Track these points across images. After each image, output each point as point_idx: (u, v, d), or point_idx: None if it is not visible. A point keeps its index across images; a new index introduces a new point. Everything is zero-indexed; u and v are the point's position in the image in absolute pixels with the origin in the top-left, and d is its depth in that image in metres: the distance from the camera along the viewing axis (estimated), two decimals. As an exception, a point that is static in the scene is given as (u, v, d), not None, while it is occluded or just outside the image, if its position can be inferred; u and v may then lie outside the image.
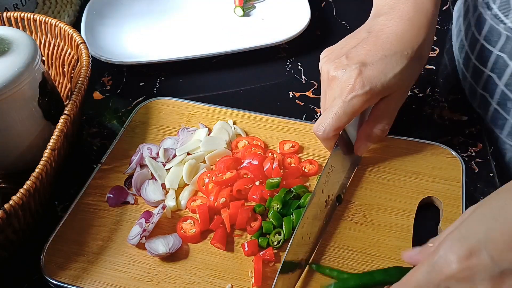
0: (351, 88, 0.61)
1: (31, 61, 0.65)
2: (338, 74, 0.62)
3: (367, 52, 0.62)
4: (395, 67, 0.62)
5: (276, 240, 0.63)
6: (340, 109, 0.61)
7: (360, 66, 0.61)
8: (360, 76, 0.60)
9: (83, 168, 0.74)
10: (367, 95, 0.61)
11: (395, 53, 0.62)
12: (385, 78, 0.61)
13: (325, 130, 0.63)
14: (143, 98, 0.85)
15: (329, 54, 0.66)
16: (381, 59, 0.61)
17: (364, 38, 0.64)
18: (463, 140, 0.76)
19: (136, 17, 0.99)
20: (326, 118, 0.63)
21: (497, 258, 0.43)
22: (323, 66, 0.65)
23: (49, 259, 0.62)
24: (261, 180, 0.68)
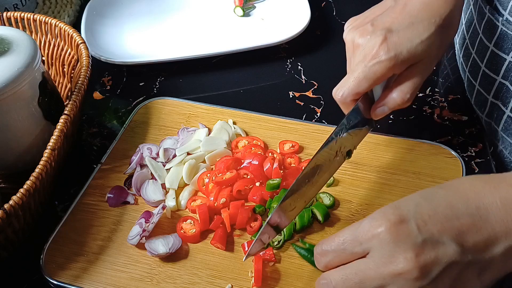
0: (375, 54, 0.59)
1: (31, 61, 0.65)
2: (363, 41, 0.61)
3: (393, 19, 0.60)
4: (422, 34, 0.59)
5: (276, 240, 0.63)
6: (361, 73, 0.60)
7: (385, 32, 0.59)
8: (385, 42, 0.59)
9: (83, 168, 0.74)
10: (391, 61, 0.59)
11: (422, 20, 0.60)
12: (411, 44, 0.59)
13: (344, 93, 0.61)
14: (143, 98, 0.85)
15: (354, 23, 0.65)
16: (407, 26, 0.60)
17: (390, 6, 0.63)
18: (463, 140, 0.76)
19: (136, 17, 0.99)
20: (346, 82, 0.61)
21: (422, 229, 0.46)
22: (348, 35, 0.64)
23: (49, 259, 0.62)
24: (261, 181, 0.68)
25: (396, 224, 0.46)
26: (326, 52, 0.93)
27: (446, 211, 0.47)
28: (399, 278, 0.45)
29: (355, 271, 0.48)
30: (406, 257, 0.45)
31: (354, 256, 0.48)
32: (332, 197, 0.67)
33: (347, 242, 0.49)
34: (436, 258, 0.45)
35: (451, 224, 0.46)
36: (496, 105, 0.73)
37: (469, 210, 0.47)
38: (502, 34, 0.68)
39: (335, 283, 0.49)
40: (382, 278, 0.46)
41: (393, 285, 0.46)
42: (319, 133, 0.75)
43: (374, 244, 0.47)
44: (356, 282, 0.47)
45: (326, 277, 0.50)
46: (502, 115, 0.72)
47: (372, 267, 0.47)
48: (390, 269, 0.46)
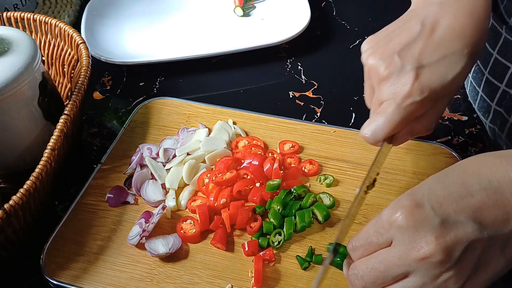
0: (408, 94, 0.55)
1: (31, 61, 0.65)
2: (391, 75, 0.56)
3: (422, 51, 0.56)
4: (455, 67, 0.56)
5: (276, 240, 0.63)
6: (394, 115, 0.56)
7: (417, 68, 0.55)
8: (418, 80, 0.55)
9: (83, 168, 0.74)
10: (426, 100, 0.55)
11: (454, 52, 0.56)
12: (445, 81, 0.55)
13: (377, 136, 0.58)
14: (143, 98, 0.85)
15: (375, 46, 0.59)
16: (439, 60, 0.56)
17: (416, 31, 0.57)
18: (463, 140, 0.76)
19: (136, 17, 0.99)
20: (378, 123, 0.57)
21: (437, 210, 0.46)
22: (369, 59, 0.58)
23: (49, 259, 0.62)
24: (261, 182, 0.68)
25: (412, 209, 0.46)
26: (326, 52, 0.93)
27: (459, 190, 0.47)
28: (423, 263, 0.45)
29: (379, 259, 0.48)
30: (426, 241, 0.45)
31: (380, 247, 0.49)
32: (332, 198, 0.67)
33: (371, 234, 0.49)
34: (456, 238, 0.45)
35: (466, 202, 0.46)
36: (500, 113, 0.72)
37: (482, 185, 0.46)
38: (505, 42, 0.68)
39: (362, 273, 0.49)
40: (407, 265, 0.46)
41: (419, 270, 0.46)
42: (319, 133, 0.75)
43: (394, 233, 0.47)
44: (382, 271, 0.47)
45: (354, 267, 0.50)
46: (506, 123, 0.72)
47: (395, 255, 0.47)
48: (413, 255, 0.46)
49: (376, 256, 0.48)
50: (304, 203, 0.65)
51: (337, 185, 0.69)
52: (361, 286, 0.49)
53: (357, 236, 0.51)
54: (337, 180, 0.69)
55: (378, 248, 0.49)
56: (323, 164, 0.71)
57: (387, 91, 0.56)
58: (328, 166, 0.71)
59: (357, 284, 0.50)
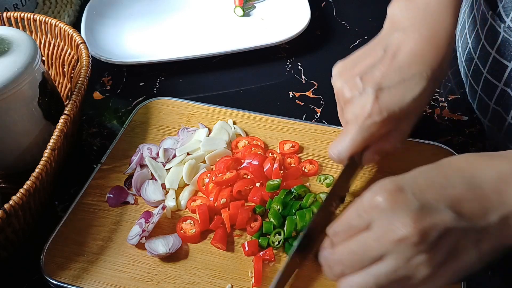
0: (367, 115, 0.58)
1: (31, 61, 0.65)
2: (354, 97, 0.60)
3: (383, 74, 0.59)
4: (414, 90, 0.59)
5: (276, 240, 0.63)
6: (356, 135, 0.59)
7: (376, 90, 0.58)
8: (377, 102, 0.58)
9: (83, 168, 0.74)
10: (385, 121, 0.58)
11: (413, 75, 0.59)
12: (403, 102, 0.58)
13: (340, 154, 0.61)
14: (143, 98, 0.85)
15: (342, 71, 0.63)
16: (398, 83, 0.58)
17: (379, 56, 0.61)
18: (463, 140, 0.76)
19: (136, 17, 0.99)
20: (342, 142, 0.61)
21: (418, 195, 0.47)
22: (336, 82, 0.63)
23: (49, 259, 0.62)
24: (261, 182, 0.68)
25: (393, 192, 0.47)
26: (326, 52, 0.93)
27: (442, 181, 0.48)
28: (399, 245, 0.46)
29: (358, 243, 0.49)
30: (403, 222, 0.46)
31: (360, 231, 0.49)
32: None
33: (351, 218, 0.50)
34: (433, 223, 0.46)
35: (447, 192, 0.47)
36: (498, 112, 0.72)
37: (464, 180, 0.48)
38: (504, 41, 0.68)
39: (342, 257, 0.49)
40: (383, 246, 0.47)
41: (394, 252, 0.46)
42: (319, 133, 0.75)
43: (374, 215, 0.48)
44: (360, 254, 0.48)
45: (334, 253, 0.51)
46: (504, 122, 0.72)
47: (373, 237, 0.47)
48: (390, 237, 0.46)
49: (355, 240, 0.49)
50: (304, 203, 0.65)
51: (337, 185, 0.69)
52: (340, 270, 0.50)
53: (337, 221, 0.51)
54: (337, 180, 0.69)
55: (357, 232, 0.49)
56: (323, 164, 0.71)
57: (350, 112, 0.60)
58: (328, 166, 0.71)
59: (336, 269, 0.50)
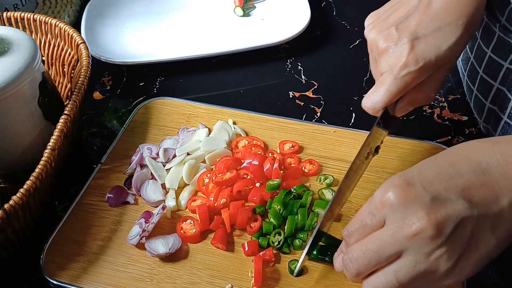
0: (403, 65, 0.57)
1: (31, 61, 0.65)
2: (389, 47, 0.59)
3: (418, 23, 0.58)
4: (450, 38, 0.58)
5: (276, 240, 0.63)
6: (392, 85, 0.58)
7: (412, 39, 0.57)
8: (413, 51, 0.57)
9: (83, 168, 0.74)
10: (421, 70, 0.58)
11: (449, 23, 0.58)
12: (439, 51, 0.57)
13: (376, 106, 0.60)
14: (143, 98, 0.85)
15: (375, 21, 0.62)
16: (434, 31, 0.58)
17: (413, 6, 0.60)
18: (463, 140, 0.76)
19: (136, 17, 0.99)
20: (377, 93, 0.59)
21: (428, 188, 0.47)
22: (370, 34, 0.61)
23: (49, 259, 0.62)
24: (261, 182, 0.68)
25: (403, 187, 0.47)
26: (326, 52, 0.93)
27: (449, 170, 0.48)
28: (415, 239, 0.46)
29: (372, 241, 0.48)
30: (418, 217, 0.46)
31: (374, 229, 0.49)
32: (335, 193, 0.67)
33: (364, 217, 0.50)
34: (447, 214, 0.45)
35: (456, 181, 0.47)
36: (494, 111, 0.72)
37: (471, 167, 0.47)
38: (499, 40, 0.68)
39: (356, 256, 0.49)
40: (399, 243, 0.46)
41: (411, 248, 0.46)
42: (319, 133, 0.75)
43: (386, 212, 0.48)
44: (375, 252, 0.48)
45: (348, 252, 0.51)
46: (500, 121, 0.72)
47: (388, 234, 0.47)
48: (405, 232, 0.46)
49: (370, 238, 0.49)
50: (303, 201, 0.65)
51: (337, 185, 0.69)
52: (356, 269, 0.50)
53: (351, 221, 0.51)
54: (337, 180, 0.69)
55: (372, 231, 0.49)
56: (323, 164, 0.71)
57: (385, 63, 0.59)
58: (328, 166, 0.71)
59: (351, 267, 0.50)
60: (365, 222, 0.49)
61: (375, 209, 0.48)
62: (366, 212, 0.49)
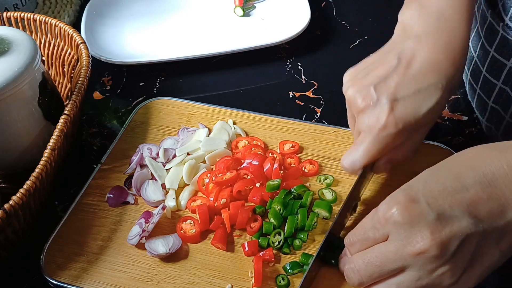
0: (383, 127, 0.57)
1: (31, 61, 0.65)
2: (367, 107, 0.58)
3: (397, 84, 0.57)
4: (429, 101, 0.57)
5: (276, 240, 0.63)
6: (371, 146, 0.58)
7: (391, 101, 0.57)
8: (392, 113, 0.57)
9: (83, 168, 0.74)
10: (400, 133, 0.58)
11: (429, 85, 0.57)
12: (419, 114, 0.57)
13: (354, 165, 0.60)
14: (143, 98, 0.85)
15: (354, 79, 0.61)
16: (414, 93, 0.57)
17: (393, 65, 0.59)
18: (463, 140, 0.76)
19: (136, 17, 0.99)
20: (356, 153, 0.59)
21: (432, 205, 0.46)
22: (348, 91, 0.61)
23: (49, 259, 0.62)
24: (261, 182, 0.68)
25: (407, 204, 0.47)
26: (326, 52, 0.93)
27: (454, 184, 0.47)
28: (419, 258, 0.46)
29: (375, 254, 0.49)
30: (422, 236, 0.45)
31: (376, 242, 0.49)
32: (335, 193, 0.67)
33: (367, 229, 0.50)
34: (452, 233, 0.45)
35: (461, 196, 0.46)
36: (496, 110, 0.72)
37: (476, 179, 0.47)
38: (502, 40, 0.68)
39: (359, 267, 0.49)
40: (402, 260, 0.47)
41: (414, 265, 0.46)
42: (319, 133, 0.75)
43: (390, 228, 0.48)
44: (378, 265, 0.48)
45: (350, 261, 0.51)
46: (502, 121, 0.72)
47: (391, 249, 0.47)
48: (409, 250, 0.46)
49: (373, 251, 0.49)
50: (303, 201, 0.65)
51: (337, 185, 0.69)
52: (358, 280, 0.50)
53: (354, 230, 0.51)
54: (337, 180, 0.69)
55: (374, 243, 0.49)
56: (323, 164, 0.71)
57: (364, 123, 0.59)
58: (328, 166, 0.71)
59: (353, 278, 0.50)
60: (368, 235, 0.49)
61: (379, 224, 0.48)
62: (369, 226, 0.49)
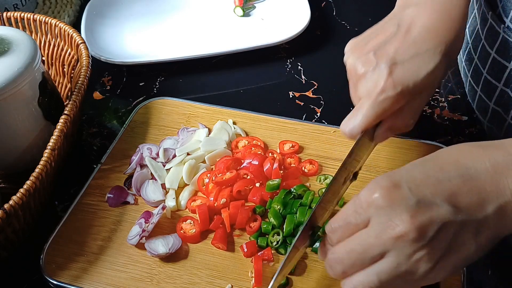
0: (381, 90, 0.57)
1: (31, 61, 0.65)
2: (367, 72, 0.59)
3: (397, 49, 0.58)
4: (428, 65, 0.58)
5: (275, 240, 0.63)
6: (369, 110, 0.58)
7: (390, 65, 0.57)
8: (391, 76, 0.57)
9: (83, 168, 0.74)
10: (399, 96, 0.57)
11: (427, 49, 0.58)
12: (417, 77, 0.57)
13: (353, 130, 0.60)
14: (143, 98, 0.85)
15: (354, 47, 0.62)
16: (412, 57, 0.58)
17: (392, 32, 0.60)
18: (463, 140, 0.76)
19: (136, 17, 0.99)
20: (355, 118, 0.59)
21: (414, 191, 0.47)
22: (349, 59, 0.61)
23: (49, 259, 0.62)
24: (261, 182, 0.68)
25: (389, 189, 0.47)
26: (326, 52, 0.93)
27: (437, 174, 0.48)
28: (398, 242, 0.46)
29: (357, 241, 0.49)
30: (402, 219, 0.46)
31: (358, 228, 0.49)
32: None
33: (349, 215, 0.49)
34: (431, 218, 0.46)
35: (443, 186, 0.47)
36: (498, 112, 0.72)
37: (459, 172, 0.48)
38: (503, 41, 0.68)
39: (342, 257, 0.49)
40: (382, 244, 0.47)
41: (394, 250, 0.47)
42: (319, 133, 0.75)
43: (371, 212, 0.48)
44: (360, 253, 0.48)
45: (333, 251, 0.51)
46: (504, 122, 0.72)
47: (372, 234, 0.47)
48: (388, 234, 0.46)
49: (354, 238, 0.49)
50: (304, 201, 0.65)
51: (337, 185, 0.69)
52: (341, 269, 0.50)
53: (335, 217, 0.51)
54: (337, 180, 0.69)
55: (356, 229, 0.49)
56: (323, 164, 0.71)
57: (363, 88, 0.59)
58: (328, 166, 0.71)
59: (337, 268, 0.50)
60: (349, 220, 0.49)
61: (360, 208, 0.48)
62: (351, 211, 0.49)
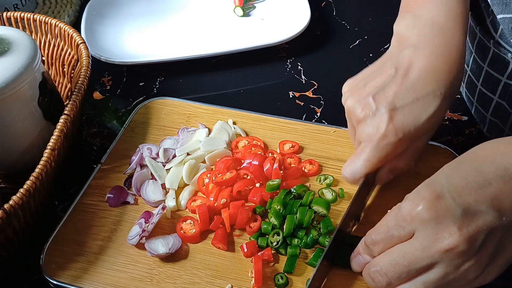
0: (382, 135, 0.57)
1: (31, 61, 0.65)
2: (367, 117, 0.58)
3: (396, 93, 0.58)
4: (428, 109, 0.57)
5: (275, 240, 0.63)
6: (371, 155, 0.58)
7: (390, 110, 0.57)
8: (392, 122, 0.57)
9: (83, 168, 0.74)
10: (401, 141, 0.58)
11: (427, 94, 0.57)
12: (418, 122, 0.57)
13: (355, 175, 0.60)
14: (143, 98, 0.85)
15: (352, 89, 0.62)
16: (412, 102, 0.57)
17: (390, 74, 0.59)
18: (463, 140, 0.76)
19: (136, 17, 0.99)
20: (356, 163, 0.60)
21: (458, 200, 0.46)
22: (347, 101, 0.61)
23: (49, 259, 0.62)
24: (261, 182, 0.68)
25: (433, 201, 0.47)
26: (326, 52, 0.93)
27: (477, 178, 0.47)
28: (447, 254, 0.46)
29: (402, 254, 0.48)
30: (450, 232, 0.46)
31: (401, 240, 0.49)
32: (335, 193, 0.67)
33: (391, 228, 0.49)
34: (478, 227, 0.46)
35: (485, 191, 0.47)
36: (495, 123, 0.72)
37: (498, 173, 0.47)
38: (494, 56, 0.67)
39: (386, 269, 0.49)
40: (431, 257, 0.47)
41: (442, 262, 0.46)
42: (319, 133, 0.75)
43: (416, 225, 0.47)
44: (405, 265, 0.48)
45: (375, 264, 0.50)
46: (502, 133, 0.72)
47: (418, 248, 0.47)
48: (437, 247, 0.46)
49: (398, 250, 0.49)
50: (304, 201, 0.65)
51: (337, 185, 0.69)
52: (386, 282, 0.50)
53: (375, 229, 0.51)
54: (337, 180, 0.69)
55: (399, 241, 0.49)
56: (323, 164, 0.71)
57: (364, 132, 0.59)
58: (328, 166, 0.71)
59: (381, 280, 0.50)
60: (392, 233, 0.49)
61: (404, 222, 0.48)
62: (393, 223, 0.49)
